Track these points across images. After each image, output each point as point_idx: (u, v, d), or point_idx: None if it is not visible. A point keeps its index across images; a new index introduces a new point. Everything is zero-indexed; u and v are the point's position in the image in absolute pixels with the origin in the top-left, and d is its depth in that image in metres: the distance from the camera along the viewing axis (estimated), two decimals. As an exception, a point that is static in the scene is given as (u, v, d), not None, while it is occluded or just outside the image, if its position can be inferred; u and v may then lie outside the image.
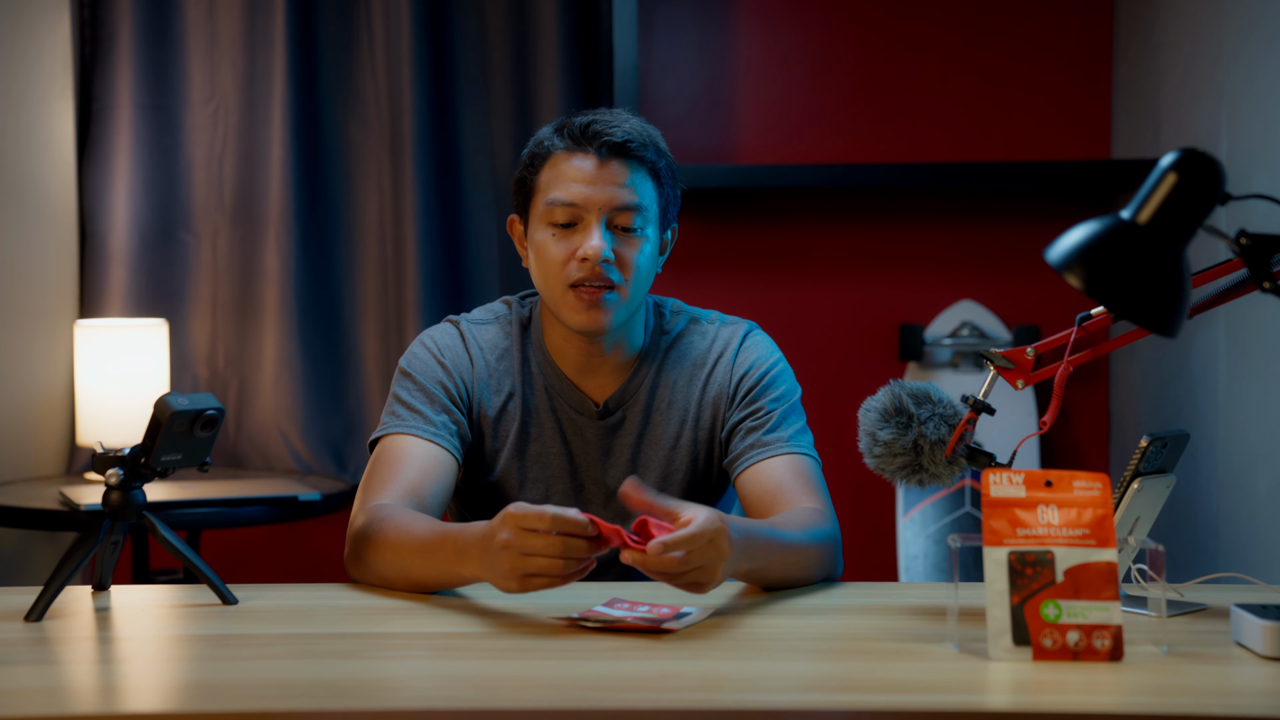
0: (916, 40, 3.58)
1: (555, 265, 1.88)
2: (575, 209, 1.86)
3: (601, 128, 1.87)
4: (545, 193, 1.88)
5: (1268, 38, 2.76)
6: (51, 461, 3.35)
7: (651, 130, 1.93)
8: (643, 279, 1.90)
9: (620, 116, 1.91)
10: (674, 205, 1.96)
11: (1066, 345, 1.57)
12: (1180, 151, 1.42)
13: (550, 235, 1.88)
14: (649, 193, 1.90)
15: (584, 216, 1.87)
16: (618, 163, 1.87)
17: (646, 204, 1.89)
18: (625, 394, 1.96)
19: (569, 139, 1.88)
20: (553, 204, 1.87)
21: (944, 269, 3.59)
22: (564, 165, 1.88)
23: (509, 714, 1.26)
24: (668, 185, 1.93)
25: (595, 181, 1.86)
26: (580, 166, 1.87)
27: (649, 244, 1.90)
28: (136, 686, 1.36)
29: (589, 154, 1.87)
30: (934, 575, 3.30)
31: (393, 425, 1.89)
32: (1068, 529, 1.41)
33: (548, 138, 1.91)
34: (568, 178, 1.87)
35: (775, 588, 1.71)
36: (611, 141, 1.86)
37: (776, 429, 1.91)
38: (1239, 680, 1.36)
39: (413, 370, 1.93)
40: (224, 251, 3.47)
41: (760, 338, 2.01)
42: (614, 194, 1.86)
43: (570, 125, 1.89)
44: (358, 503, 1.82)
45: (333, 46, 3.47)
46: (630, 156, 1.88)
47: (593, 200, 1.86)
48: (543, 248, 1.89)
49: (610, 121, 1.89)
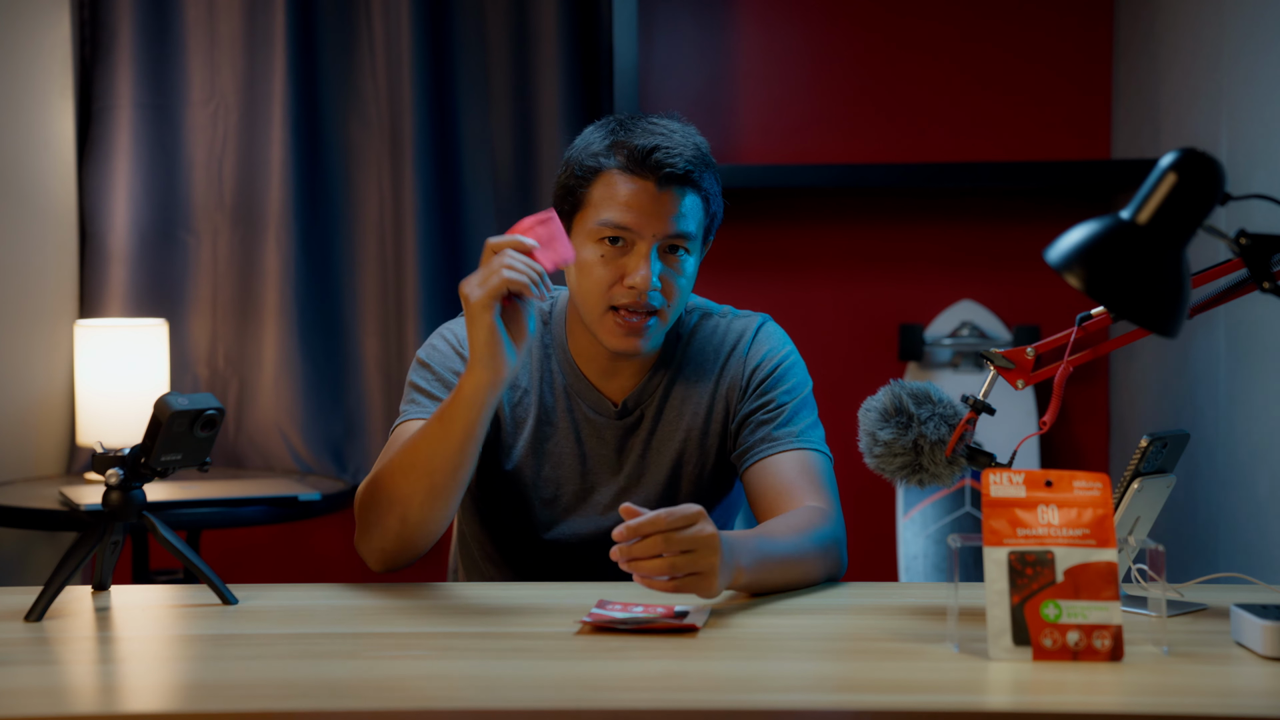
0: (916, 39, 3.58)
1: (600, 286, 1.84)
2: (628, 232, 1.83)
3: (664, 156, 1.81)
4: (597, 211, 1.84)
5: (1268, 38, 2.76)
6: (51, 461, 3.35)
7: (704, 147, 1.88)
8: (681, 302, 1.89)
9: (678, 138, 1.84)
10: (718, 219, 1.94)
11: (1066, 345, 1.57)
12: (1180, 151, 1.42)
13: (598, 255, 1.84)
14: (698, 216, 1.87)
15: (635, 241, 1.83)
16: (675, 191, 1.83)
17: (696, 230, 1.86)
18: (644, 393, 1.96)
19: (628, 160, 1.82)
20: (604, 224, 1.83)
21: (944, 269, 3.59)
22: (619, 186, 1.82)
23: (509, 714, 1.26)
24: (714, 203, 1.90)
25: (651, 209, 1.82)
26: (636, 191, 1.82)
27: (692, 263, 1.88)
28: (136, 686, 1.36)
29: (649, 180, 1.82)
30: (934, 575, 3.30)
31: (411, 412, 1.88)
32: (1068, 529, 1.41)
33: (602, 153, 1.85)
34: (621, 200, 1.82)
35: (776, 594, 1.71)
36: (673, 172, 1.82)
37: (788, 424, 1.90)
38: (1239, 680, 1.36)
39: (431, 361, 1.92)
40: (224, 251, 3.47)
41: (773, 329, 2.00)
42: (669, 223, 1.83)
43: (631, 146, 1.82)
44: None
45: (333, 46, 3.47)
46: (688, 183, 1.84)
47: (646, 227, 1.82)
48: (588, 266, 1.85)
49: (672, 149, 1.82)
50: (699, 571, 1.53)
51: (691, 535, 1.52)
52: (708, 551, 1.53)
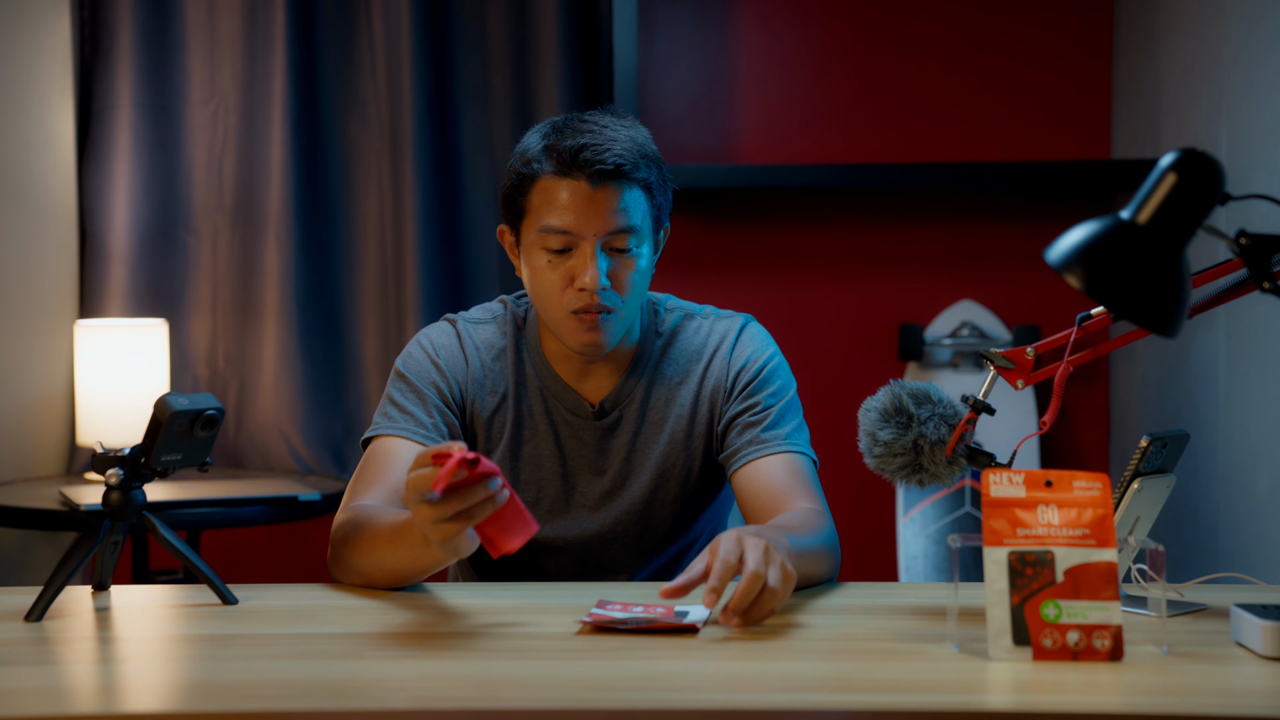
0: (916, 40, 3.58)
1: (553, 292, 1.85)
2: (569, 236, 1.82)
3: (592, 155, 1.80)
4: (537, 217, 1.84)
5: (1268, 38, 2.76)
6: (51, 461, 3.35)
7: (640, 138, 1.86)
8: (638, 295, 1.88)
9: (609, 133, 1.83)
10: (666, 207, 1.92)
11: (1066, 345, 1.56)
12: (1180, 151, 1.42)
13: (545, 261, 1.85)
14: (641, 209, 1.85)
15: (578, 243, 1.83)
16: (610, 186, 1.81)
17: (639, 223, 1.85)
18: (621, 394, 1.96)
19: (558, 163, 1.82)
20: (546, 230, 1.83)
21: (944, 269, 3.59)
22: (555, 190, 1.82)
23: (509, 714, 1.26)
24: (659, 193, 1.89)
25: (587, 209, 1.81)
26: (571, 193, 1.82)
27: (643, 259, 1.87)
28: (136, 686, 1.36)
29: (580, 180, 1.81)
30: (934, 575, 3.30)
31: (384, 427, 1.89)
32: (1068, 529, 1.41)
33: (536, 158, 1.85)
34: (559, 204, 1.82)
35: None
36: (604, 169, 1.81)
37: (774, 426, 1.90)
38: (1239, 680, 1.36)
39: (407, 371, 1.93)
40: (224, 251, 3.47)
41: (756, 330, 2.00)
42: (608, 220, 1.82)
43: (561, 149, 1.82)
44: (342, 504, 1.83)
45: (333, 46, 3.48)
46: (622, 178, 1.83)
47: (586, 227, 1.82)
48: (538, 273, 1.86)
49: (600, 145, 1.81)
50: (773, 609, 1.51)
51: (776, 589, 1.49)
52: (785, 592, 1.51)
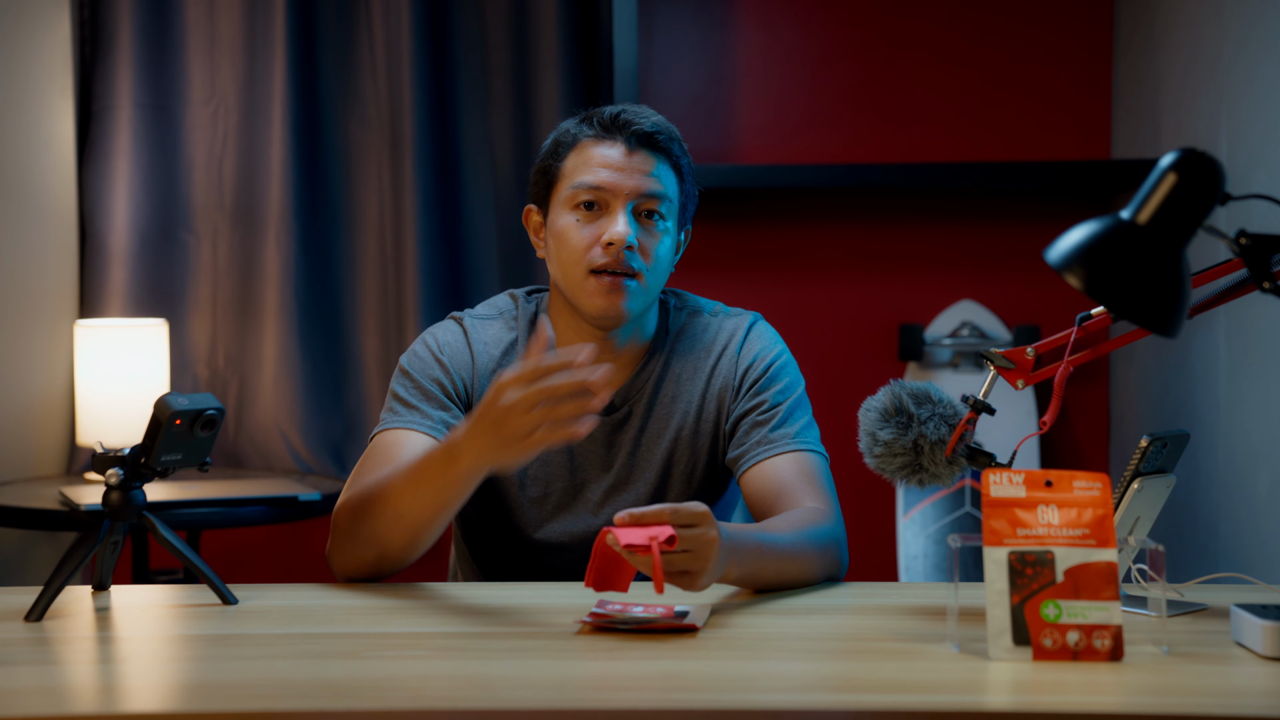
0: (916, 40, 3.58)
1: (578, 250, 1.88)
2: (602, 193, 1.88)
3: (630, 117, 1.90)
4: (571, 178, 1.90)
5: (1268, 38, 2.76)
6: (51, 461, 3.35)
7: (674, 128, 1.95)
8: (662, 270, 1.92)
9: (646, 110, 1.93)
10: (692, 204, 1.98)
11: (1066, 345, 1.56)
12: (1180, 151, 1.42)
13: (574, 220, 1.89)
14: (673, 185, 1.92)
15: (610, 202, 1.88)
16: (645, 152, 1.89)
17: (671, 195, 1.91)
18: (632, 389, 1.96)
19: (597, 126, 1.90)
20: (579, 187, 1.88)
21: (944, 269, 3.59)
22: (591, 151, 1.90)
23: (509, 714, 1.26)
24: (688, 183, 1.96)
25: (623, 168, 1.88)
26: (608, 153, 1.89)
27: (669, 237, 1.92)
28: (136, 686, 1.36)
29: (617, 142, 1.89)
30: (934, 575, 3.30)
31: (390, 421, 1.89)
32: (1068, 529, 1.41)
33: (574, 126, 1.93)
34: (595, 163, 1.89)
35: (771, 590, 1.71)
36: (641, 131, 1.89)
37: (782, 425, 1.90)
38: (1239, 680, 1.36)
39: (412, 369, 1.93)
40: (224, 251, 3.47)
41: (764, 328, 2.01)
42: (641, 181, 1.88)
43: (599, 114, 1.91)
44: (344, 490, 1.81)
45: (333, 46, 3.47)
46: (657, 148, 1.90)
47: (620, 186, 1.87)
48: (565, 232, 1.89)
49: (639, 113, 1.91)
50: (689, 571, 1.53)
51: (694, 535, 1.52)
52: (704, 555, 1.53)
